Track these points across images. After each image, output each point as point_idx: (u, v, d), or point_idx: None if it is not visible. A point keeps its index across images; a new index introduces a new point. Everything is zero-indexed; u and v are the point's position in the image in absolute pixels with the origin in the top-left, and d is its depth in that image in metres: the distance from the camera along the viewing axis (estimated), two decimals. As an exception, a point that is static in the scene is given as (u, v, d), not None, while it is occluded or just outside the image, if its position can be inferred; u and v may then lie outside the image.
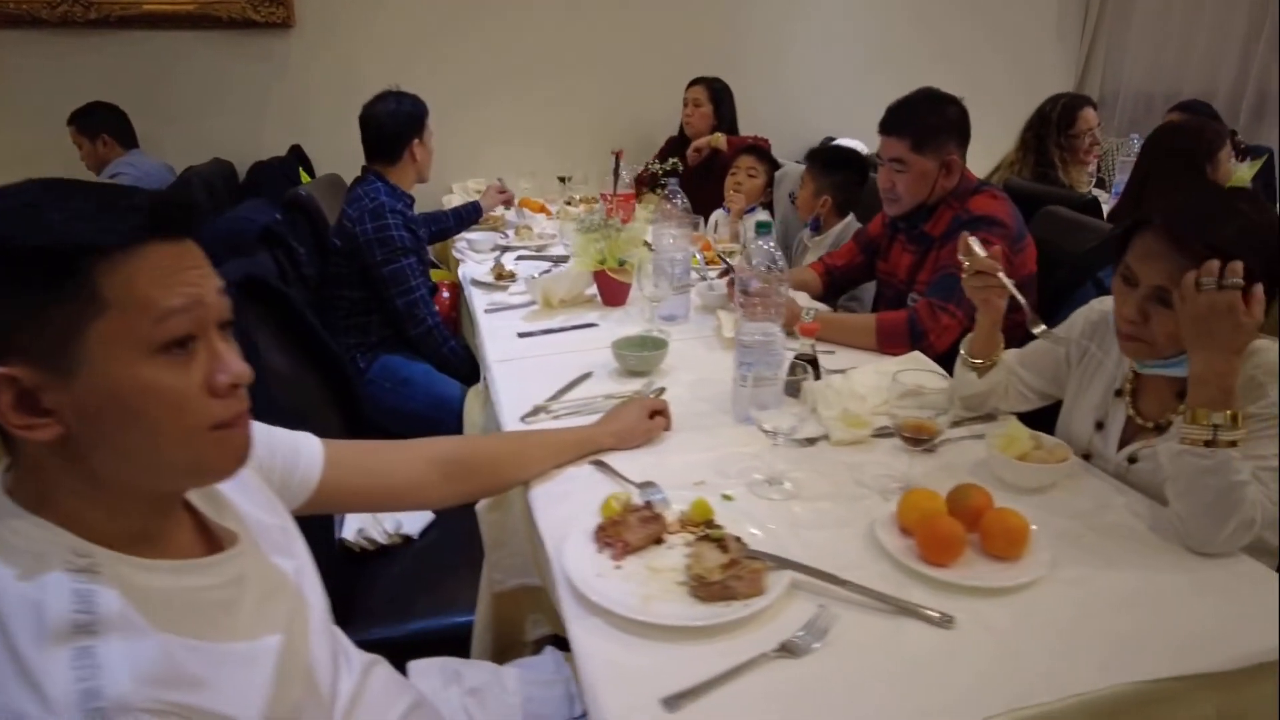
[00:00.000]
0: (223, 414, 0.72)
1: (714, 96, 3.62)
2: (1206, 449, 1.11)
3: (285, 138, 3.63)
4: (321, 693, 0.83)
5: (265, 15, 3.46)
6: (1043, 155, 3.05)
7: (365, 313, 2.34)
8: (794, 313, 1.94)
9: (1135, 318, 1.24)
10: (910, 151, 1.94)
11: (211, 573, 0.75)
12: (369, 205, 2.33)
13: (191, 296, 0.69)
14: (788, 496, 1.26)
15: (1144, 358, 1.29)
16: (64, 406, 0.65)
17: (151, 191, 0.76)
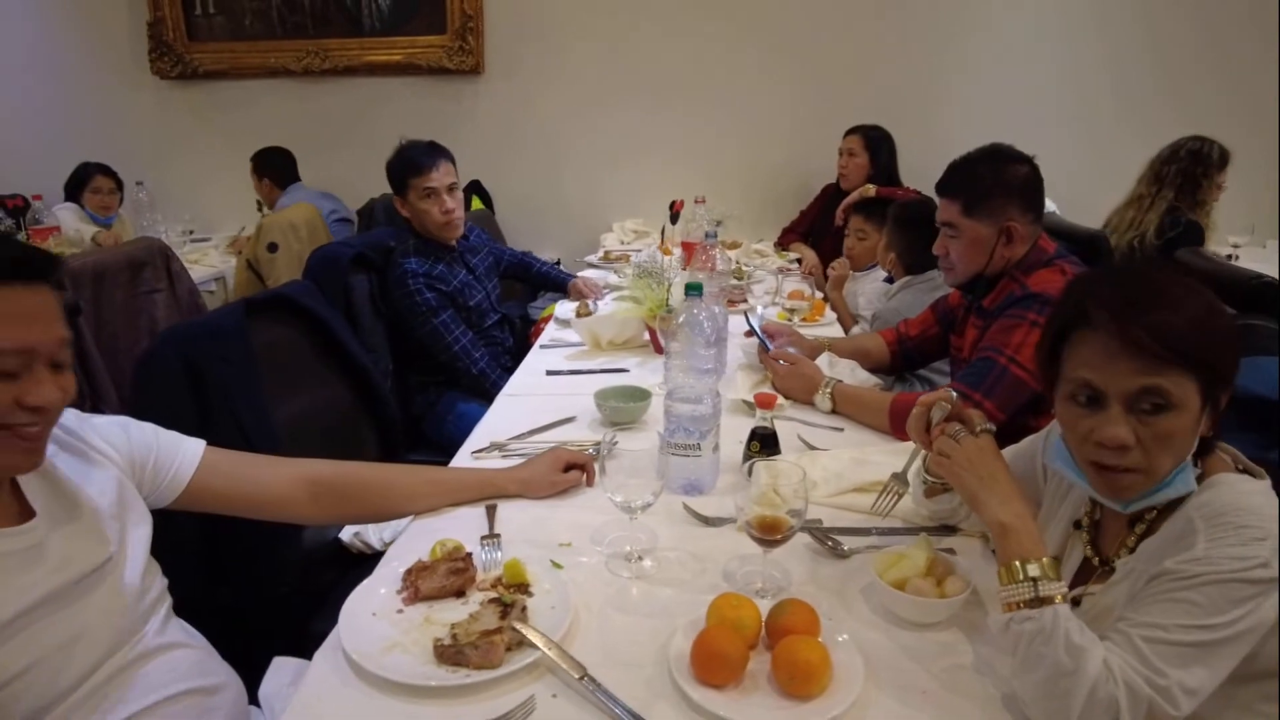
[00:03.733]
0: (9, 419, 0.89)
1: (870, 145, 3.42)
2: (1033, 610, 0.88)
3: (470, 171, 4.00)
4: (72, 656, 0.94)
5: (457, 64, 3.86)
6: (1185, 194, 2.94)
7: (427, 356, 2.48)
8: (815, 384, 1.79)
9: (1129, 441, 0.92)
10: (961, 215, 1.71)
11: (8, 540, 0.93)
12: (394, 274, 2.41)
13: (21, 343, 0.89)
14: (635, 576, 1.17)
15: (1136, 493, 0.97)
16: None
17: (16, 243, 0.98)
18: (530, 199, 4.03)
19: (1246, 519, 0.90)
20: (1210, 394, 0.93)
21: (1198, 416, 0.93)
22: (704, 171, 3.99)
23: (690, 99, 3.93)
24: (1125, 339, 0.91)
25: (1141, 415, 0.93)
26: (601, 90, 3.94)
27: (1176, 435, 0.92)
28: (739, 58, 3.87)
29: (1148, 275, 0.98)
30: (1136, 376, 0.91)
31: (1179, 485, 0.96)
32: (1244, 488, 0.95)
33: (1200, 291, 0.94)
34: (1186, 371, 0.90)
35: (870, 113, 3.64)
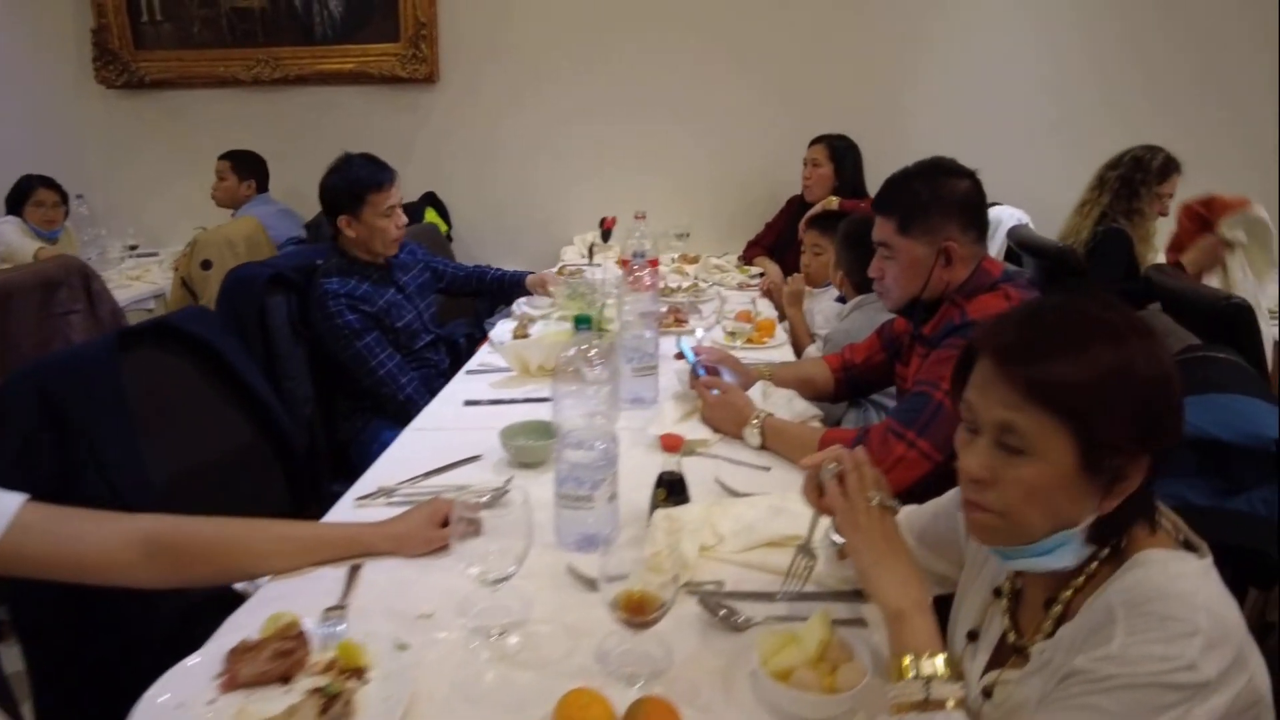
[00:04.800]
0: None
1: (834, 155, 3.28)
2: (922, 714, 0.74)
3: (425, 183, 3.87)
4: None
5: (410, 72, 3.74)
6: (1123, 202, 2.83)
7: (352, 380, 2.34)
8: (744, 416, 1.65)
9: (981, 475, 0.83)
10: (897, 234, 1.57)
11: None
12: (315, 295, 2.28)
13: None
14: (496, 656, 1.03)
15: (998, 543, 0.87)
16: None
17: None
18: (488, 211, 3.90)
19: (1172, 609, 0.76)
20: (1093, 457, 0.78)
21: (1071, 477, 0.79)
22: (669, 183, 3.85)
23: (655, 109, 3.80)
24: (1000, 366, 0.81)
25: (1003, 453, 0.81)
26: (562, 100, 3.81)
27: (1037, 488, 0.80)
28: (705, 67, 3.74)
29: (1065, 309, 0.84)
30: (1000, 408, 0.81)
31: (1062, 555, 0.83)
32: (1175, 569, 0.80)
33: (1120, 343, 0.79)
34: (1055, 418, 0.78)
35: (839, 122, 3.50)
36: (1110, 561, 0.85)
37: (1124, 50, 3.65)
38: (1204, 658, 0.73)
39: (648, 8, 3.70)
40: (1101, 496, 0.80)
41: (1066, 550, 0.83)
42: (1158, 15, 3.61)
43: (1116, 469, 0.79)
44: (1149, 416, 0.78)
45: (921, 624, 0.84)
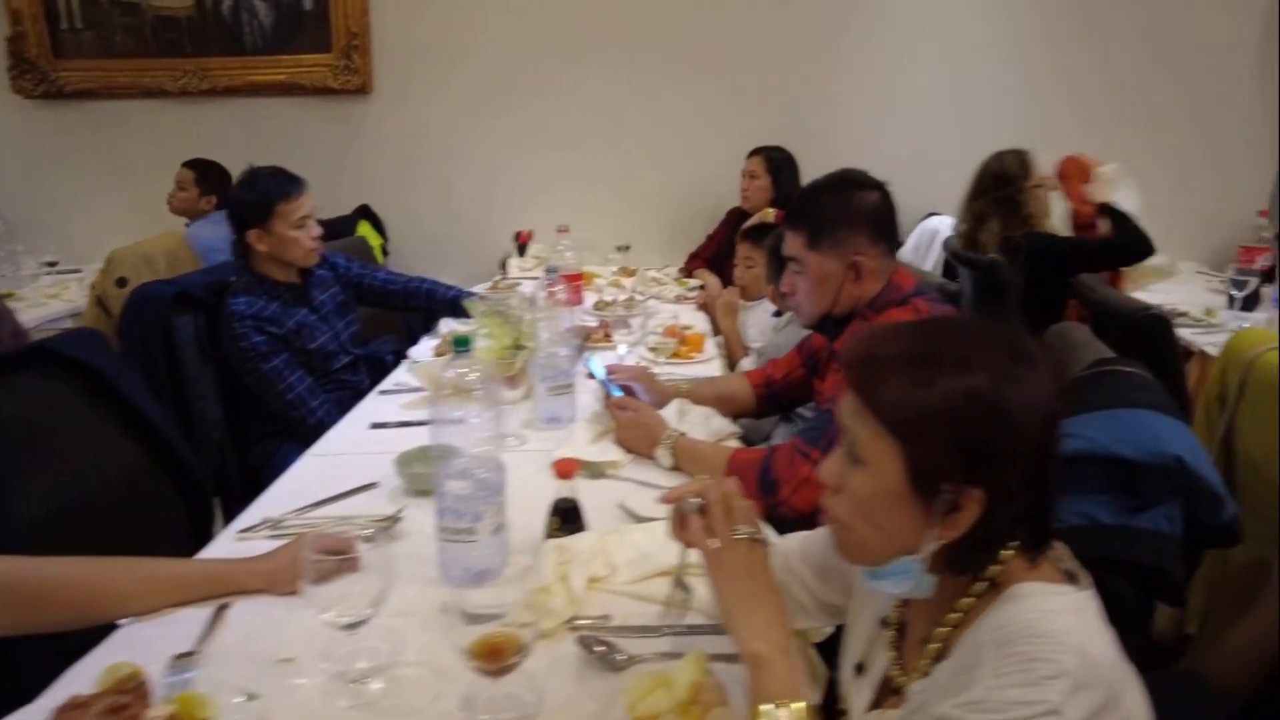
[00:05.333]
0: None
1: (772, 167, 3.27)
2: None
3: (359, 196, 3.78)
4: None
5: (343, 83, 3.65)
6: (1010, 216, 2.82)
7: (263, 403, 2.26)
8: (656, 436, 1.60)
9: (827, 479, 0.84)
10: (806, 248, 1.54)
11: None
12: (222, 315, 2.20)
13: None
14: (355, 704, 0.96)
15: (849, 557, 0.86)
16: None
17: None
18: (425, 223, 3.81)
19: (1039, 650, 0.71)
20: (920, 480, 0.76)
21: (900, 496, 0.77)
22: (610, 195, 3.81)
23: (594, 121, 3.76)
24: (847, 375, 0.82)
25: (849, 462, 0.82)
26: (498, 112, 3.75)
27: (868, 500, 0.80)
28: (644, 79, 3.70)
29: (920, 330, 0.83)
30: (847, 416, 0.82)
31: (901, 582, 0.82)
32: (1048, 604, 0.76)
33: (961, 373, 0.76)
34: (886, 434, 0.77)
35: (780, 134, 3.50)
36: (987, 595, 0.81)
37: (1056, 60, 3.69)
38: (1069, 701, 0.68)
39: (585, 22, 3.66)
40: (939, 525, 0.77)
41: (908, 579, 0.81)
42: (1081, 22, 3.65)
43: (949, 498, 0.76)
44: (974, 451, 0.75)
45: (781, 669, 0.79)
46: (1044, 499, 0.81)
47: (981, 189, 2.92)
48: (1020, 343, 0.79)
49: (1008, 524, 0.79)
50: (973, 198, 2.94)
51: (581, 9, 3.64)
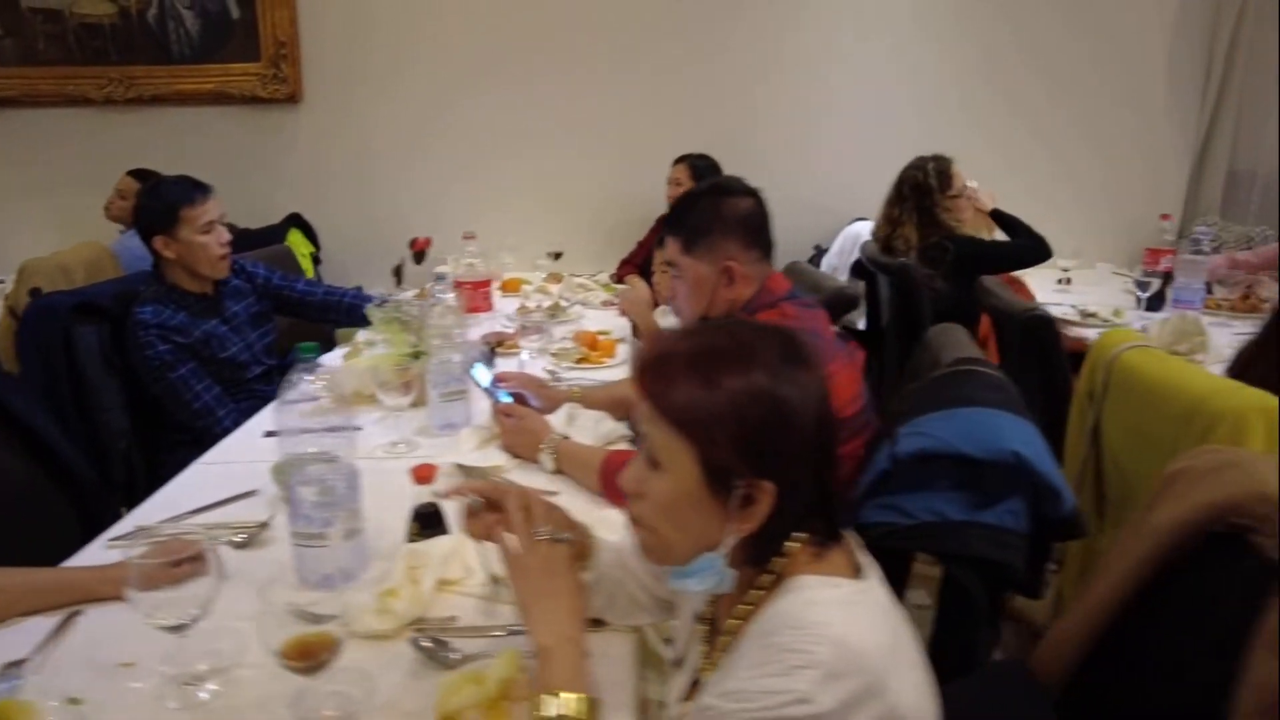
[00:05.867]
0: None
1: (695, 174, 3.31)
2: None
3: (290, 204, 3.77)
4: None
5: (271, 92, 3.64)
6: (927, 224, 2.87)
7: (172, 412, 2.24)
8: (539, 440, 1.62)
9: (628, 486, 0.88)
10: (682, 253, 1.58)
11: None
12: (129, 325, 2.18)
13: None
14: (184, 707, 0.97)
15: (655, 559, 0.90)
16: None
17: None
18: (358, 231, 3.81)
19: (795, 640, 0.75)
20: (714, 477, 0.80)
21: (698, 494, 0.81)
22: (543, 202, 3.83)
23: (526, 129, 3.78)
24: (640, 382, 0.85)
25: (649, 467, 0.85)
26: (431, 120, 3.76)
27: (670, 501, 0.83)
28: (576, 88, 3.74)
29: (704, 336, 0.87)
30: (644, 422, 0.85)
31: (706, 579, 0.84)
32: (815, 596, 0.80)
33: (742, 373, 0.80)
34: (679, 436, 0.81)
35: (710, 142, 3.55)
36: (771, 589, 0.84)
37: (982, 66, 3.79)
38: (819, 689, 0.72)
39: (515, 32, 3.69)
40: (737, 519, 0.81)
41: (711, 575, 0.84)
42: (1011, 29, 3.75)
43: (742, 493, 0.80)
44: (761, 446, 0.80)
45: (565, 661, 0.82)
46: (828, 490, 0.86)
47: (900, 195, 2.98)
48: (792, 344, 0.84)
49: (799, 514, 0.83)
50: (891, 203, 3.01)
51: (511, 19, 3.67)
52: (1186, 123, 3.85)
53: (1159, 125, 3.85)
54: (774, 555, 0.83)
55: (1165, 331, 2.48)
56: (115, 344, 2.23)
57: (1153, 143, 3.86)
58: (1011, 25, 3.74)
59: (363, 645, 1.08)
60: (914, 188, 2.95)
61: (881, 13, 3.73)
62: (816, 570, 0.83)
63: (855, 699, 0.73)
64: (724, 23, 3.70)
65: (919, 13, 3.74)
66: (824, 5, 3.70)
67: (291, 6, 3.59)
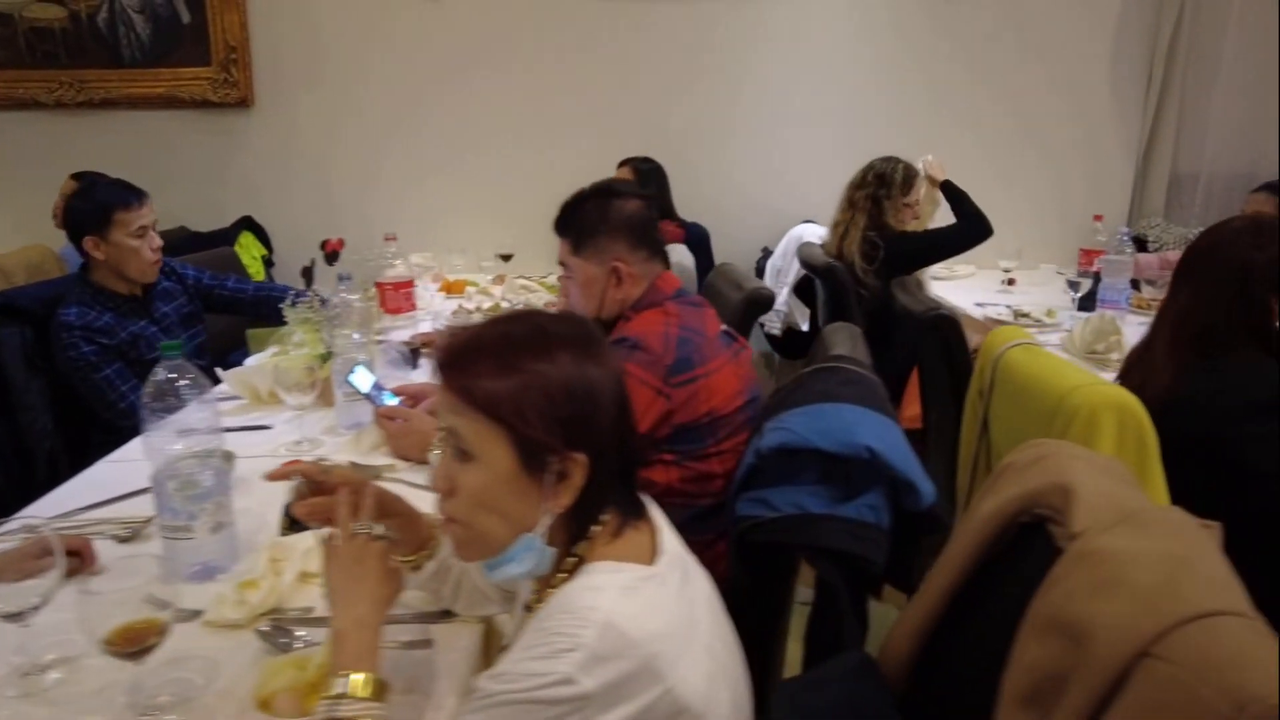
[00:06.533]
0: None
1: (639, 177, 3.35)
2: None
3: (242, 208, 3.79)
4: None
5: (222, 96, 3.66)
6: (876, 217, 2.88)
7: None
8: (428, 440, 1.64)
9: (440, 485, 0.89)
10: (571, 254, 1.61)
11: None
12: (52, 327, 2.21)
13: None
14: (23, 694, 0.99)
15: (474, 556, 0.92)
16: None
17: None
18: (310, 235, 3.77)
19: (562, 624, 0.78)
20: (529, 456, 0.83)
21: (514, 477, 0.84)
22: (494, 204, 3.85)
23: (477, 131, 3.81)
24: (442, 376, 0.87)
25: (458, 461, 0.86)
26: (383, 124, 3.79)
27: (486, 490, 0.85)
28: (525, 90, 3.76)
29: (500, 325, 0.90)
30: (449, 415, 0.87)
31: (526, 561, 0.87)
32: (595, 581, 0.83)
33: (543, 356, 0.84)
34: (489, 422, 0.83)
35: (657, 145, 3.59)
36: (572, 572, 0.88)
37: (926, 70, 3.83)
38: (582, 672, 0.75)
39: (465, 35, 3.71)
40: (552, 496, 0.85)
41: (530, 555, 0.87)
42: (954, 34, 3.79)
43: (557, 468, 0.84)
44: (570, 419, 0.84)
45: (355, 643, 0.85)
46: (631, 462, 0.91)
47: (861, 182, 3.01)
48: (586, 330, 0.89)
49: (609, 483, 0.87)
50: (850, 188, 3.03)
51: (461, 23, 3.70)
52: (1130, 125, 3.90)
53: (1103, 127, 3.90)
54: (585, 534, 0.87)
55: (1086, 331, 2.52)
56: (40, 346, 2.25)
57: (1097, 145, 3.91)
58: (954, 31, 3.79)
59: (217, 634, 1.11)
60: (878, 176, 2.98)
61: (827, 20, 3.77)
62: (610, 555, 0.87)
63: (624, 681, 0.76)
64: (673, 26, 3.73)
65: (863, 19, 3.78)
66: (770, 10, 3.74)
67: (242, 11, 3.61)
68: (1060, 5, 3.76)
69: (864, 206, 2.89)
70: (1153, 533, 0.83)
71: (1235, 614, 0.72)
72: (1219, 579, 0.77)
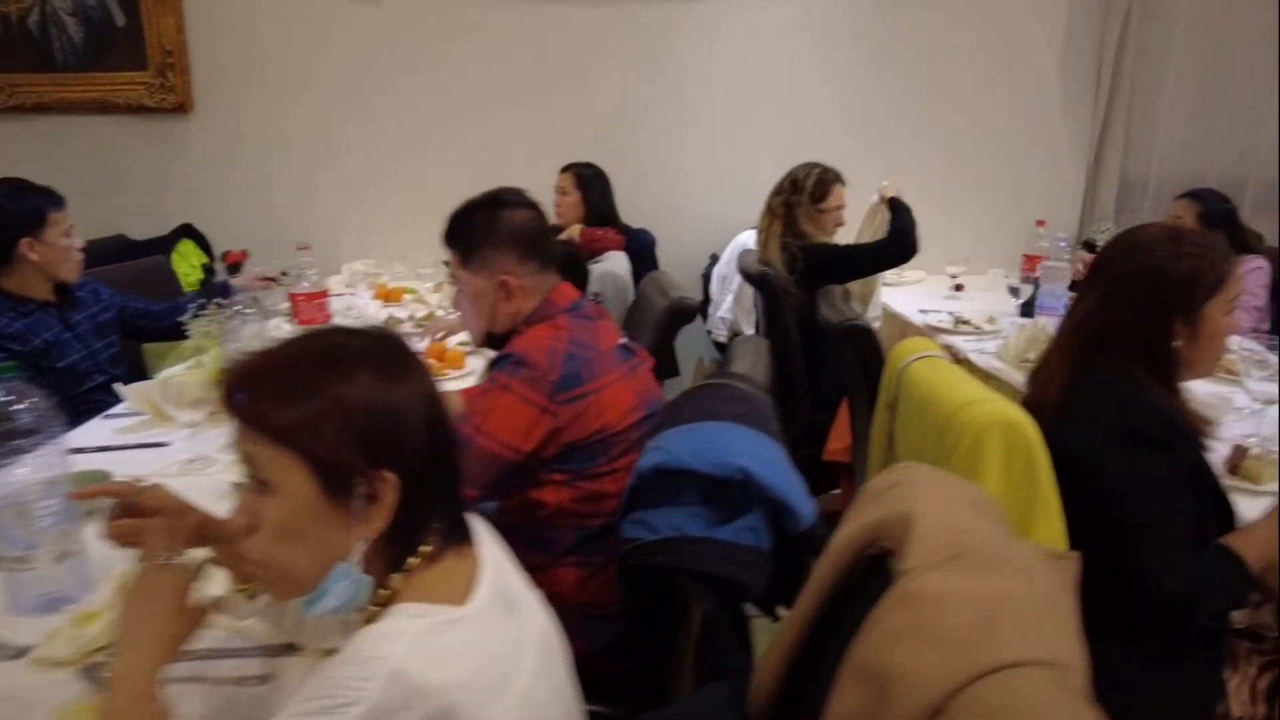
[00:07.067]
0: None
1: (581, 183, 3.31)
2: None
3: (181, 214, 3.72)
4: None
5: (158, 101, 3.59)
6: (792, 225, 2.84)
7: None
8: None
9: (239, 520, 0.83)
10: (460, 267, 1.56)
11: None
12: None
13: None
14: None
15: (290, 593, 0.86)
16: None
17: None
18: (253, 242, 3.72)
19: (346, 674, 0.74)
20: (332, 481, 0.78)
21: (318, 505, 0.79)
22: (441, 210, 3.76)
23: (423, 137, 3.74)
24: (229, 405, 0.81)
25: (258, 493, 0.80)
26: (324, 127, 3.72)
27: (286, 523, 0.80)
28: (466, 96, 3.71)
29: (294, 347, 0.85)
30: (246, 445, 0.81)
31: (340, 590, 0.81)
32: (393, 626, 0.78)
33: (342, 378, 0.79)
34: (285, 451, 0.78)
35: (601, 151, 3.55)
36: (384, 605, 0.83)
37: (876, 75, 3.80)
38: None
39: (404, 41, 3.65)
40: (363, 520, 0.80)
41: (346, 585, 0.81)
42: (903, 39, 3.76)
43: (364, 490, 0.79)
44: (372, 437, 0.79)
45: (130, 688, 0.81)
46: (451, 482, 0.86)
47: (778, 188, 2.97)
48: (390, 345, 0.85)
49: (427, 504, 0.82)
50: (770, 195, 2.99)
51: (402, 25, 3.64)
52: (1080, 129, 3.88)
53: (1055, 131, 3.88)
54: (404, 561, 0.82)
55: (1020, 339, 2.49)
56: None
57: (1049, 149, 3.89)
58: (905, 36, 3.75)
59: (42, 673, 1.06)
60: (792, 182, 2.93)
61: (777, 25, 3.73)
62: (421, 593, 0.82)
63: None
64: (616, 31, 3.69)
65: (815, 24, 3.74)
66: (716, 15, 3.70)
67: (178, 14, 3.54)
68: (1011, 9, 3.74)
69: (780, 213, 2.85)
70: (981, 572, 0.78)
71: (1043, 664, 0.67)
72: (1041, 623, 0.73)
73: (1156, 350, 1.33)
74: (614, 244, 3.12)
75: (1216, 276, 1.30)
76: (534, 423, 1.43)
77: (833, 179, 2.96)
